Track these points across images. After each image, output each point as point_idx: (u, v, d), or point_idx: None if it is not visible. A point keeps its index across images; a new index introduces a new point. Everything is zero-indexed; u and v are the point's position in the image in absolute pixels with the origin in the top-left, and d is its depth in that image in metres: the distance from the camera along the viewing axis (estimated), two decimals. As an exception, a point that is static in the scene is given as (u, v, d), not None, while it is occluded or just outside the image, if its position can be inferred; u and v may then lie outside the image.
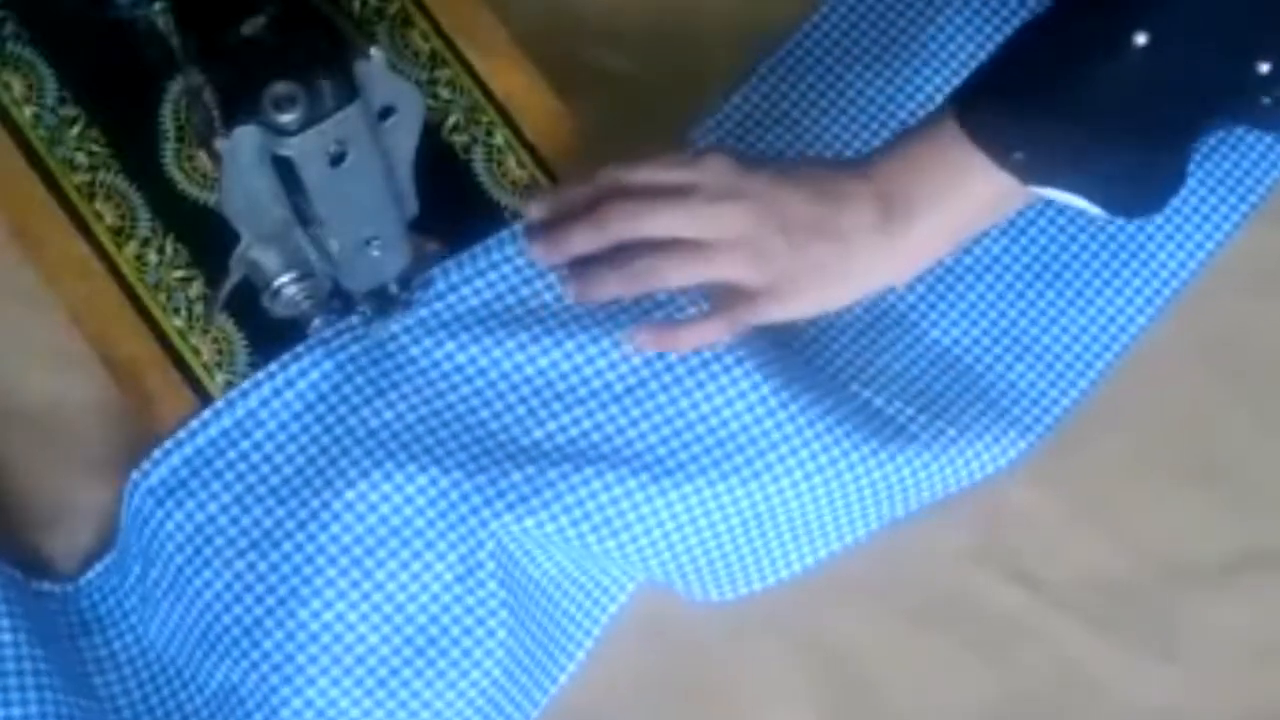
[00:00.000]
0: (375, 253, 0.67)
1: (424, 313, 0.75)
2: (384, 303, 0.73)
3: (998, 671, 0.77)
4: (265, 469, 0.73)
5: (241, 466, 0.73)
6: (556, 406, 0.74)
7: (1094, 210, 0.70)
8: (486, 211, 0.78)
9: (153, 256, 0.78)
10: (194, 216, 0.78)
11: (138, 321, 0.77)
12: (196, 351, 0.76)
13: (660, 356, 0.74)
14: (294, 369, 0.74)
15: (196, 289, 0.77)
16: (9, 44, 0.80)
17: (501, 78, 0.81)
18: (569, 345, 0.75)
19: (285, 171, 0.60)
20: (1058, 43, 0.67)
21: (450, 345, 0.75)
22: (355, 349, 0.74)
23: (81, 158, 0.78)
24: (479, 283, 0.76)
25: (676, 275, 0.73)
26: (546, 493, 0.72)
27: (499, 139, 0.80)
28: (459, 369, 0.74)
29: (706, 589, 0.76)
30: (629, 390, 0.74)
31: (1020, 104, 0.67)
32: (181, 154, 0.79)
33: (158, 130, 0.79)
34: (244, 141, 0.57)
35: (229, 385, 0.75)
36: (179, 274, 0.77)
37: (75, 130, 0.79)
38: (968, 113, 0.69)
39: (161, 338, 0.76)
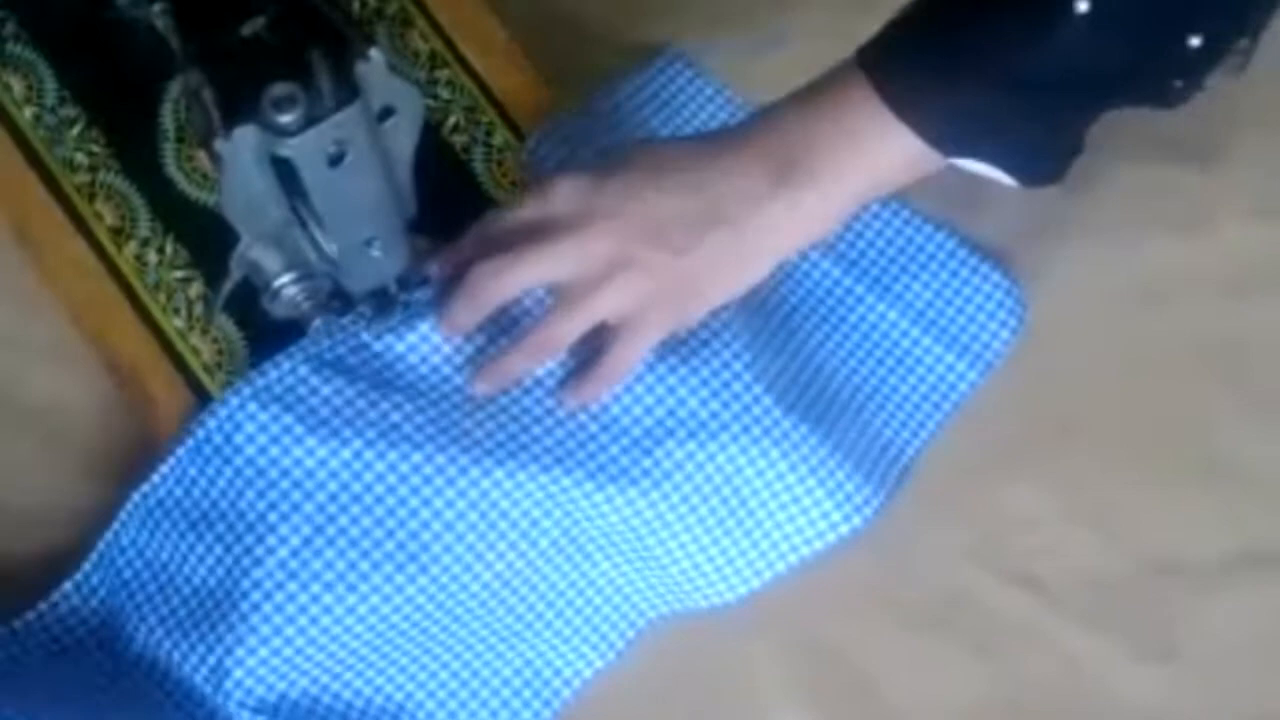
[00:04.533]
0: (375, 253, 0.67)
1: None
2: (384, 303, 0.73)
3: (998, 671, 0.77)
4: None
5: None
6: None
7: (1006, 180, 0.67)
8: (487, 212, 0.78)
9: (152, 256, 0.78)
10: (194, 216, 0.78)
11: (137, 321, 0.77)
12: (196, 351, 0.76)
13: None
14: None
15: (196, 289, 0.77)
16: (9, 44, 0.80)
17: (501, 78, 0.81)
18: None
19: (285, 171, 0.60)
20: (990, 8, 0.63)
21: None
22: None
23: (81, 158, 0.79)
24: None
25: (572, 329, 0.71)
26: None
27: (499, 139, 0.80)
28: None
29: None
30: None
31: (946, 72, 0.64)
32: (181, 154, 0.79)
33: (158, 130, 0.79)
34: (244, 142, 0.57)
35: (228, 386, 0.75)
36: (179, 274, 0.77)
37: (75, 130, 0.79)
38: (883, 77, 0.65)
39: (161, 338, 0.77)
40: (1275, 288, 0.83)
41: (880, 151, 0.66)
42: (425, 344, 0.74)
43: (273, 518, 0.70)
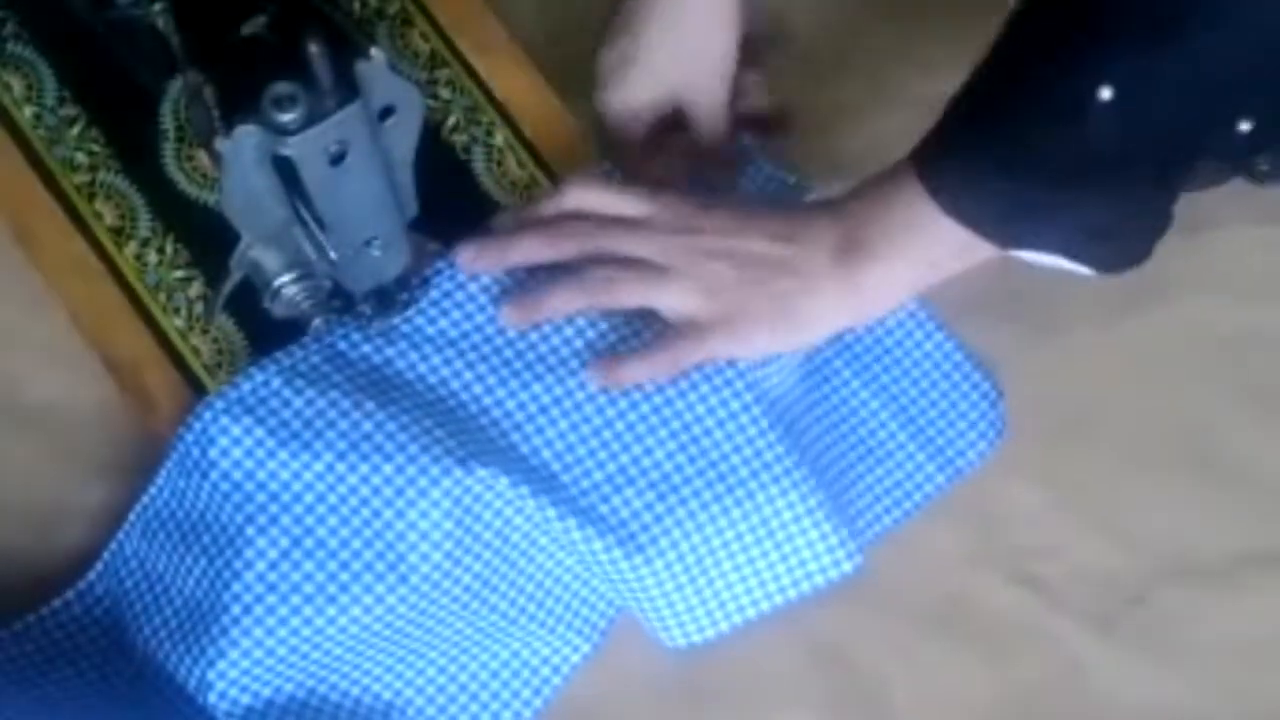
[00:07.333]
0: (375, 253, 0.67)
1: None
2: (384, 302, 0.73)
3: (998, 671, 0.77)
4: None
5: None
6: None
7: (1080, 269, 0.67)
8: (486, 211, 0.78)
9: (153, 256, 0.78)
10: (194, 216, 0.78)
11: (138, 321, 0.77)
12: (196, 351, 0.76)
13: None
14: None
15: (196, 289, 0.77)
16: (9, 44, 0.80)
17: (501, 78, 0.81)
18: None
19: (285, 171, 0.60)
20: (1015, 99, 0.63)
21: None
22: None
23: (81, 158, 0.79)
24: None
25: (628, 293, 0.71)
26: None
27: (499, 139, 0.80)
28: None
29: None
30: None
31: (979, 166, 0.65)
32: (181, 154, 0.79)
33: (158, 130, 0.79)
34: (244, 141, 0.57)
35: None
36: (179, 274, 0.77)
37: (75, 130, 0.79)
38: (928, 172, 0.66)
39: (161, 338, 0.77)
40: (1275, 288, 0.83)
41: (930, 240, 0.68)
42: (399, 352, 0.74)
43: (250, 531, 0.69)
